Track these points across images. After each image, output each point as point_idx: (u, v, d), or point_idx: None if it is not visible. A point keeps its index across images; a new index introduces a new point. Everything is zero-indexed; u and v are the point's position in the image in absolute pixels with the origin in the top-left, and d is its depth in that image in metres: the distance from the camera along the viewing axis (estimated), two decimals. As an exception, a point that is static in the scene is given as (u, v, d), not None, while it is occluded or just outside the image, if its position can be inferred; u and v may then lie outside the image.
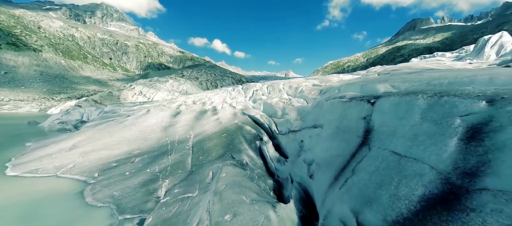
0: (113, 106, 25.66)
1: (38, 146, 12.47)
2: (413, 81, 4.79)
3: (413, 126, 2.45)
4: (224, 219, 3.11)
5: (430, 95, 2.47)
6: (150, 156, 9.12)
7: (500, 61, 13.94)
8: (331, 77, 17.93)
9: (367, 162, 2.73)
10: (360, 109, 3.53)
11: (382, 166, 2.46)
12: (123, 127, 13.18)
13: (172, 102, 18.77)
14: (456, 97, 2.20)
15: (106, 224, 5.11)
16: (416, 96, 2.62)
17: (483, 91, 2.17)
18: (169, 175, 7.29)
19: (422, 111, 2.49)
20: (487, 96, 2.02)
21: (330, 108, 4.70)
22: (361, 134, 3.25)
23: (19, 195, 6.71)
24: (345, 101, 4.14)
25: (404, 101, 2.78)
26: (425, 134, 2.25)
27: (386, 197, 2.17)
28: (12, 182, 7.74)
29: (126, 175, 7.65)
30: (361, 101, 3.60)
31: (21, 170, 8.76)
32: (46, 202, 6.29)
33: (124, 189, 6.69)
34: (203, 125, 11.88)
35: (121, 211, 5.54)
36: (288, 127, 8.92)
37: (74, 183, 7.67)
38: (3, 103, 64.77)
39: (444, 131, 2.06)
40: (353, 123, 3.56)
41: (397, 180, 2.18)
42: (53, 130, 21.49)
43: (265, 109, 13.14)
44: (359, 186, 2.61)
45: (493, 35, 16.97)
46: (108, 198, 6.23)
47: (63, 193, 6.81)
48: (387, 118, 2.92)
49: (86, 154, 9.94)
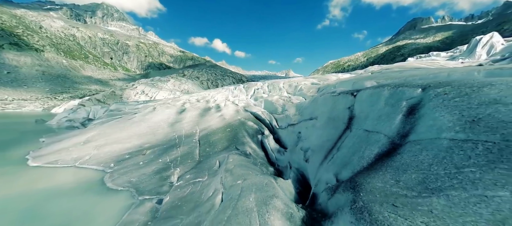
0: (118, 104, 26.39)
1: (52, 141, 13.25)
2: (395, 78, 5.52)
3: (379, 110, 3.20)
4: (236, 183, 3.85)
5: (392, 86, 3.22)
6: (160, 149, 9.89)
7: (489, 60, 14.67)
8: (330, 76, 18.67)
9: (348, 140, 3.48)
10: (346, 100, 4.27)
11: (357, 141, 3.21)
12: (132, 123, 13.94)
13: (177, 100, 19.53)
14: (406, 87, 2.95)
15: (129, 203, 5.87)
16: (383, 88, 3.37)
17: (425, 83, 2.92)
18: (179, 164, 8.06)
19: (386, 98, 3.24)
20: (423, 85, 2.80)
21: (323, 102, 5.44)
22: (346, 121, 3.98)
23: (46, 182, 7.49)
24: (335, 95, 4.88)
25: (375, 92, 3.52)
26: (385, 114, 3.01)
27: (356, 159, 2.93)
28: (37, 172, 8.52)
29: (140, 165, 8.42)
30: (346, 94, 4.34)
31: (42, 161, 9.54)
32: (72, 187, 7.06)
33: (140, 176, 7.45)
34: (207, 121, 12.63)
35: (140, 193, 6.31)
36: (288, 122, 9.67)
37: (93, 172, 8.44)
38: (7, 102, 65.67)
39: (395, 111, 2.83)
40: (340, 113, 4.30)
41: (364, 147, 2.95)
42: (61, 127, 22.30)
43: (266, 106, 13.88)
44: (340, 158, 3.35)
45: (484, 35, 17.68)
46: (127, 183, 7.00)
47: (85, 180, 7.59)
48: (364, 106, 3.67)
49: (100, 147, 10.70)
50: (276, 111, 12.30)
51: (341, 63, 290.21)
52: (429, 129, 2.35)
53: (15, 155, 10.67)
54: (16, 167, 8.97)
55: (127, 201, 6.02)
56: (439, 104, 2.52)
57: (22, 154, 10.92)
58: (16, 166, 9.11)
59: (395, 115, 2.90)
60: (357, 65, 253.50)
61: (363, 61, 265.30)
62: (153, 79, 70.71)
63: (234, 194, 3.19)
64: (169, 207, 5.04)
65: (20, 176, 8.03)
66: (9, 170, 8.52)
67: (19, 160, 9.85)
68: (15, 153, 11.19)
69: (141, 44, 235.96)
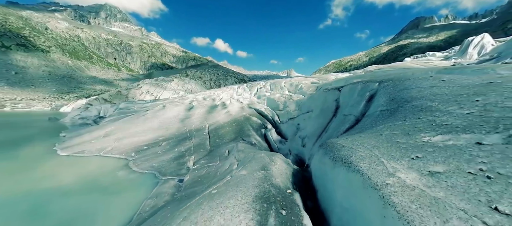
0: (127, 103, 27.68)
1: (73, 135, 14.49)
2: (380, 76, 6.55)
3: (353, 100, 4.28)
4: (248, 155, 4.94)
5: (363, 82, 4.28)
6: (174, 141, 11.04)
7: (479, 60, 15.61)
8: (329, 76, 19.70)
9: (333, 124, 4.55)
10: (333, 95, 5.34)
11: (338, 123, 4.30)
12: (144, 119, 15.13)
13: (184, 98, 20.70)
14: (372, 83, 4.02)
15: (155, 182, 7.01)
16: (358, 84, 4.43)
17: (381, 79, 4.00)
18: (193, 152, 9.19)
19: (358, 91, 4.31)
20: (379, 81, 3.86)
21: (318, 97, 6.51)
22: (333, 110, 5.05)
23: (80, 167, 8.69)
24: (327, 90, 5.94)
25: (353, 87, 4.58)
26: (356, 102, 4.08)
27: (334, 134, 4.00)
28: (68, 159, 9.73)
29: (158, 154, 9.57)
30: (334, 90, 5.42)
31: (70, 151, 10.75)
32: (103, 171, 8.23)
33: (160, 162, 8.60)
34: (215, 117, 13.77)
35: (163, 174, 7.44)
36: (288, 116, 10.76)
37: (117, 160, 9.61)
38: (16, 101, 67.65)
39: (362, 99, 3.92)
40: (330, 104, 5.37)
41: (341, 126, 4.03)
42: (75, 124, 23.64)
43: (268, 103, 14.98)
44: (326, 137, 4.42)
45: (476, 36, 18.56)
46: (149, 168, 8.15)
47: (113, 165, 8.76)
48: (345, 98, 4.75)
49: (119, 140, 11.89)
50: (278, 108, 13.38)
51: (343, 62, 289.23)
52: (374, 108, 3.43)
53: (43, 147, 11.90)
54: (49, 156, 10.20)
55: (153, 180, 7.17)
56: (382, 92, 3.55)
57: (49, 146, 12.15)
58: (49, 155, 10.34)
59: (362, 102, 3.97)
60: (359, 65, 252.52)
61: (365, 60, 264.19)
62: (158, 79, 72.14)
63: (248, 158, 4.33)
64: (191, 182, 6.17)
65: (57, 163, 9.25)
66: (46, 159, 9.76)
67: (49, 151, 11.08)
68: (42, 145, 12.44)
69: (144, 44, 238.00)
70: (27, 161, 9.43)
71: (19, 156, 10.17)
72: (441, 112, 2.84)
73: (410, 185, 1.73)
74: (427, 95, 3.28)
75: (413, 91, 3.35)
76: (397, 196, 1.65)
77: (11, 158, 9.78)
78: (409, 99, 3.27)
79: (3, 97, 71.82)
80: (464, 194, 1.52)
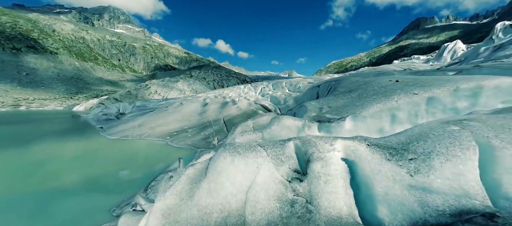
0: (143, 101, 30.70)
1: (110, 126, 17.46)
2: (357, 75, 9.41)
3: (325, 93, 7.11)
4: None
5: (330, 81, 7.11)
6: (197, 129, 13.96)
7: (449, 63, 18.43)
8: (325, 76, 22.56)
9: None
10: (315, 89, 8.19)
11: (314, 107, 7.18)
12: (167, 113, 18.08)
13: (197, 97, 23.66)
14: (332, 81, 6.85)
15: (192, 152, 9.91)
16: (327, 82, 7.26)
17: (339, 78, 6.81)
18: (216, 135, 12.11)
19: (327, 86, 7.13)
20: (336, 79, 6.69)
21: (307, 92, 9.36)
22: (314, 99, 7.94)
23: (131, 145, 11.63)
24: (313, 87, 8.80)
25: (326, 84, 7.42)
26: (324, 92, 6.91)
27: (308, 114, 6.90)
28: (119, 141, 12.67)
29: (188, 136, 12.50)
30: (316, 86, 8.28)
31: (117, 136, 13.71)
32: (148, 148, 11.16)
33: (192, 141, 11.52)
34: (228, 111, 16.68)
35: (198, 147, 10.36)
36: (287, 109, 13.63)
37: (156, 141, 12.54)
38: (30, 101, 71.15)
39: (326, 90, 6.74)
40: (313, 96, 8.20)
41: (314, 109, 6.90)
42: (100, 120, 26.68)
43: (271, 100, 17.87)
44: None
45: (450, 43, 21.32)
46: (185, 145, 11.07)
47: (156, 144, 11.69)
48: (320, 91, 7.59)
49: (153, 128, 14.83)
50: (280, 103, 16.27)
51: (344, 63, 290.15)
52: (324, 93, 6.19)
53: (92, 135, 14.87)
54: (103, 139, 13.16)
55: (189, 151, 10.09)
56: (333, 86, 6.33)
57: (95, 134, 15.12)
58: (103, 138, 13.31)
59: (326, 92, 6.74)
60: (360, 65, 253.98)
61: (366, 61, 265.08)
62: (164, 80, 75.27)
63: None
64: (221, 150, 9.07)
65: (113, 143, 12.21)
66: (102, 142, 12.72)
67: (100, 137, 14.05)
68: (90, 134, 15.41)
69: (147, 46, 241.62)
70: (91, 143, 12.38)
71: (81, 140, 13.14)
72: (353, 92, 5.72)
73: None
74: (348, 85, 6.15)
75: (350, 85, 6.19)
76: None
77: (77, 140, 12.76)
78: (342, 89, 6.09)
79: (17, 97, 75.35)
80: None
